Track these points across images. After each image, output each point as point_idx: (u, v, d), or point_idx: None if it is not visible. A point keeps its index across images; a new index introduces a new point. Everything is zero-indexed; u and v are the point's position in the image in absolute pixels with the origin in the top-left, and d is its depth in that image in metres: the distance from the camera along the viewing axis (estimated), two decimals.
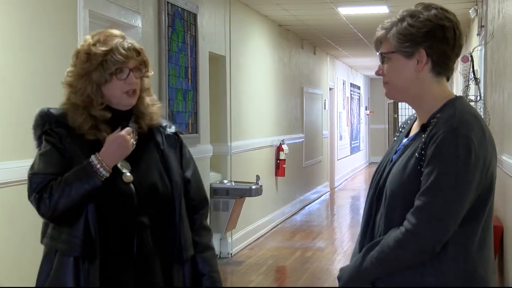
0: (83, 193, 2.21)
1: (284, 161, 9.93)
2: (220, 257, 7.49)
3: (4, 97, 3.56)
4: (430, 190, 1.90)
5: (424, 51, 2.01)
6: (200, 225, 2.50)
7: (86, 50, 2.31)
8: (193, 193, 2.49)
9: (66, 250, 2.23)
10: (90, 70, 2.29)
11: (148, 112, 2.40)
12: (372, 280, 2.02)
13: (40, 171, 2.24)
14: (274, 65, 10.07)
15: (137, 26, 5.28)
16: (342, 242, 9.00)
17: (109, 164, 2.26)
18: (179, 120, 6.14)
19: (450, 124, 1.93)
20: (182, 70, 6.22)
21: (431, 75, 2.04)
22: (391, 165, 2.07)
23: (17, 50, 3.69)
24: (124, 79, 2.31)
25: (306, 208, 11.73)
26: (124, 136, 2.30)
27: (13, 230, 3.57)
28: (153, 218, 2.33)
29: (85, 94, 2.30)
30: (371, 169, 20.33)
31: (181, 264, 2.40)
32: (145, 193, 2.32)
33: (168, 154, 2.44)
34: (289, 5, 8.76)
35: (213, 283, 2.47)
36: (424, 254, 1.92)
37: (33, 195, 2.23)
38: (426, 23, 2.01)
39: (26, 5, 3.82)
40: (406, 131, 2.18)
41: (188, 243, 2.40)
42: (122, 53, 2.28)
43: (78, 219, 2.23)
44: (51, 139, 2.28)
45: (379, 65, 2.13)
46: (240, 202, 7.38)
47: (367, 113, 21.45)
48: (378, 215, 2.06)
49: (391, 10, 8.87)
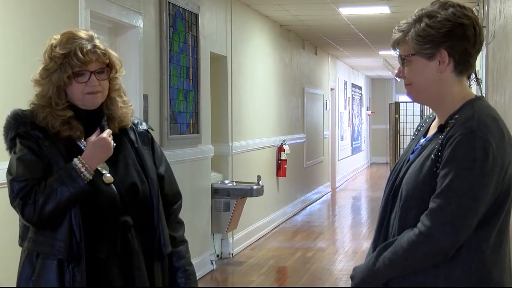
0: (68, 197, 2.20)
1: (285, 162, 9.92)
2: (221, 257, 7.49)
3: (8, 97, 3.56)
4: (445, 193, 1.88)
5: (445, 52, 1.97)
6: (175, 219, 2.53)
7: (49, 51, 2.30)
8: (167, 188, 2.51)
9: (50, 253, 2.22)
10: (51, 71, 2.28)
11: (118, 114, 2.39)
12: (385, 281, 2.00)
13: (21, 176, 2.21)
14: (275, 65, 10.07)
15: (138, 26, 5.28)
16: (343, 242, 9.00)
17: (92, 166, 2.26)
18: (180, 120, 6.14)
19: (468, 126, 1.90)
20: (184, 70, 6.22)
21: (453, 75, 2.01)
22: (407, 165, 2.04)
23: (19, 50, 3.70)
24: (85, 82, 2.29)
25: (307, 208, 11.73)
26: (106, 138, 2.29)
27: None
28: (135, 217, 2.34)
29: (47, 95, 2.28)
30: (372, 169, 20.33)
31: (161, 260, 2.42)
32: (127, 193, 2.33)
33: (142, 152, 2.45)
34: (290, 6, 8.76)
35: (188, 276, 2.50)
36: (437, 257, 1.90)
37: (16, 201, 2.21)
38: (445, 23, 1.96)
39: (27, 5, 3.83)
40: (424, 131, 2.15)
41: (166, 240, 2.42)
42: (79, 57, 2.25)
43: (61, 222, 2.22)
44: (27, 142, 2.25)
45: (399, 67, 2.08)
46: (241, 203, 7.37)
47: (368, 114, 21.44)
48: (392, 215, 2.04)
49: (392, 10, 8.86)
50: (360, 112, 19.70)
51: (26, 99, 2.37)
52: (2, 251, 3.53)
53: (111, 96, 2.38)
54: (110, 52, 2.36)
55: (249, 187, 7.34)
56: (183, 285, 2.48)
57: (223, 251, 7.58)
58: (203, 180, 6.88)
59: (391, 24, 3.20)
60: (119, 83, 2.42)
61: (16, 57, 3.68)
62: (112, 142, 2.32)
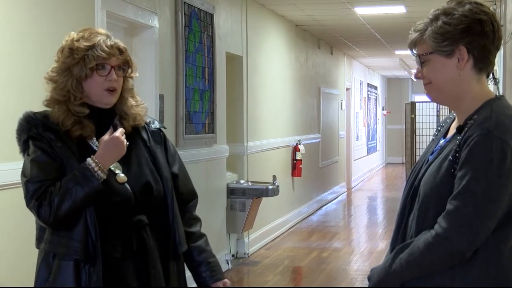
0: (83, 196, 2.20)
1: (300, 161, 9.91)
2: (237, 257, 7.50)
3: (24, 96, 3.59)
4: (462, 195, 1.86)
5: (464, 48, 1.95)
6: (190, 216, 2.53)
7: (69, 45, 2.31)
8: (181, 187, 2.50)
9: (67, 254, 2.23)
10: (71, 64, 2.29)
11: (131, 112, 2.40)
12: (402, 282, 1.99)
13: (35, 177, 2.22)
14: (291, 65, 10.06)
15: (154, 26, 5.30)
16: (359, 242, 8.98)
17: (106, 166, 2.26)
18: (195, 120, 6.15)
19: (485, 126, 1.88)
20: (199, 70, 6.23)
21: (473, 72, 1.98)
22: (426, 166, 2.02)
23: (35, 51, 3.72)
24: (105, 76, 2.30)
25: (323, 208, 11.71)
26: (119, 137, 2.30)
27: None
28: (149, 216, 2.35)
29: (65, 89, 2.29)
30: (388, 169, 20.26)
31: (176, 260, 2.42)
32: (141, 192, 2.33)
33: (155, 150, 2.45)
34: (305, 5, 8.75)
35: (212, 268, 2.48)
36: (454, 259, 1.89)
37: (32, 202, 2.22)
38: (462, 19, 1.95)
39: (44, 6, 3.85)
40: (444, 131, 2.13)
41: (182, 239, 2.41)
42: (104, 49, 2.28)
43: (77, 223, 2.23)
44: (40, 144, 2.26)
45: (417, 68, 2.06)
46: (256, 202, 7.38)
47: (384, 114, 21.38)
48: (411, 216, 2.02)
49: (408, 10, 8.83)
50: (376, 112, 19.64)
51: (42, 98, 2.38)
52: (19, 253, 3.55)
53: (124, 95, 2.39)
54: (127, 50, 2.39)
55: (265, 187, 7.34)
56: (209, 278, 2.47)
57: (239, 251, 7.59)
58: (218, 180, 6.89)
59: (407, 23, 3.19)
60: (132, 83, 2.44)
61: (33, 58, 3.70)
62: (125, 141, 2.32)
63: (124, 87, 2.39)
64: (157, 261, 2.35)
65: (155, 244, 2.35)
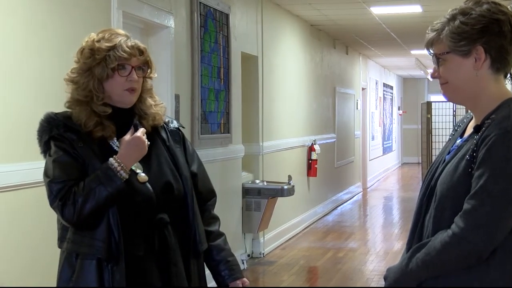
0: (106, 196, 2.22)
1: (316, 161, 9.90)
2: (252, 257, 7.50)
3: (43, 97, 3.61)
4: (479, 194, 1.85)
5: (481, 48, 1.94)
6: (209, 215, 2.54)
7: (90, 46, 2.32)
8: (200, 186, 2.52)
9: (90, 253, 2.24)
10: (92, 65, 2.30)
11: (150, 112, 2.42)
12: (418, 282, 1.98)
13: (58, 178, 2.24)
14: (306, 65, 10.05)
15: (170, 26, 5.31)
16: (375, 243, 8.95)
17: (128, 166, 2.28)
18: (211, 120, 6.16)
19: (503, 126, 1.87)
20: (215, 70, 6.24)
21: (490, 72, 1.97)
22: (443, 165, 2.01)
23: (52, 51, 3.74)
24: (126, 76, 2.32)
25: (339, 208, 11.68)
26: (140, 137, 2.31)
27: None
28: (170, 214, 2.36)
29: (87, 89, 2.31)
30: (404, 169, 20.19)
31: (197, 258, 2.43)
32: (161, 192, 2.35)
33: (174, 150, 2.46)
34: (321, 5, 8.73)
35: (231, 267, 2.50)
36: (470, 259, 1.88)
37: (56, 202, 2.24)
38: (479, 19, 1.94)
39: (61, 6, 3.87)
40: (461, 131, 2.11)
41: (202, 237, 2.43)
42: (125, 50, 2.30)
43: (100, 222, 2.24)
44: (61, 144, 2.28)
45: (434, 67, 2.05)
46: (272, 202, 7.38)
47: (399, 113, 21.30)
48: (427, 216, 2.01)
49: (424, 9, 8.79)
50: (392, 111, 19.58)
51: (60, 99, 2.39)
52: (35, 252, 3.57)
53: (143, 96, 2.41)
54: (147, 51, 2.40)
55: (280, 187, 7.33)
56: (228, 277, 2.48)
57: (254, 250, 7.59)
58: (234, 179, 6.89)
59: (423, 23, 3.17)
60: (151, 83, 2.46)
61: (50, 59, 3.72)
62: (146, 141, 2.34)
63: (143, 87, 2.40)
64: (179, 259, 2.36)
65: (176, 243, 2.36)
